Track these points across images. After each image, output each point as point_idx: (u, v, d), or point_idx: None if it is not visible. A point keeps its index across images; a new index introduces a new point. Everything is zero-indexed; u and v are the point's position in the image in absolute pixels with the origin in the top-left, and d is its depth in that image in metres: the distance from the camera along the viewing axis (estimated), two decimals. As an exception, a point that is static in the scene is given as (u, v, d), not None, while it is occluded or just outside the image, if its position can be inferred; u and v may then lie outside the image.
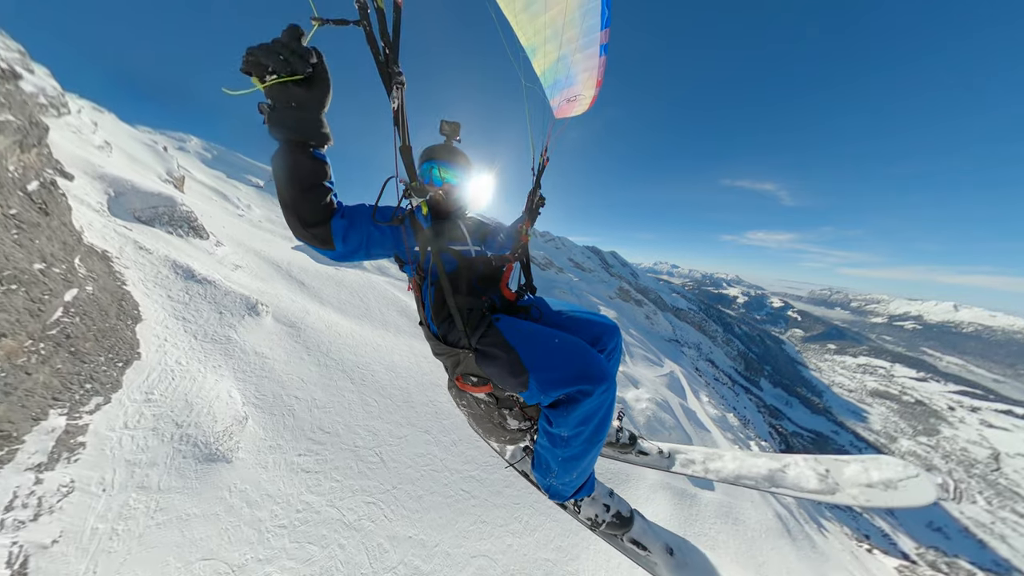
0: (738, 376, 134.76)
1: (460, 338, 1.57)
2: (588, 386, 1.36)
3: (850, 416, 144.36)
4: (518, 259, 1.93)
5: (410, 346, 14.88)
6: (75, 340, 5.50)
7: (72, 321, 5.48)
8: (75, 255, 6.31)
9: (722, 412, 43.59)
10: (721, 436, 30.35)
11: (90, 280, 6.26)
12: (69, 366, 5.36)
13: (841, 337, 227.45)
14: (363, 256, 1.56)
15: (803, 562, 15.19)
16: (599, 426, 1.45)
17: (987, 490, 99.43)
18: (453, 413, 12.04)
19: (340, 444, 8.85)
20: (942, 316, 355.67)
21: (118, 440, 5.74)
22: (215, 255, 13.90)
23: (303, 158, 1.24)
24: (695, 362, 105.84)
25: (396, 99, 1.22)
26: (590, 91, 2.00)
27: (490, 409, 1.76)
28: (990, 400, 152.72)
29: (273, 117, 1.16)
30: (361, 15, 1.12)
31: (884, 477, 1.54)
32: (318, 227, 1.37)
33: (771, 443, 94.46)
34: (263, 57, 1.04)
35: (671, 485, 14.03)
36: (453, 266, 1.65)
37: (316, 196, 1.33)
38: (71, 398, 5.34)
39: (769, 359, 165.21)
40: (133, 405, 6.20)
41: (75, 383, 5.44)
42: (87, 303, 5.89)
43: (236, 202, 28.95)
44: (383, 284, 20.72)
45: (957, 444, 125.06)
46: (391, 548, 7.19)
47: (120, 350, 6.33)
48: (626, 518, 1.79)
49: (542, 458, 1.64)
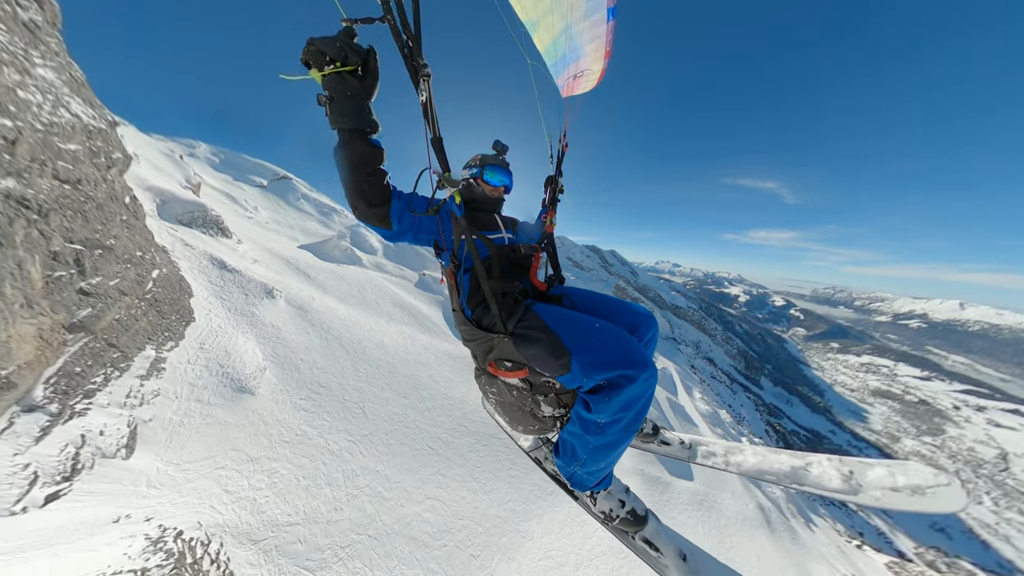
0: (737, 374, 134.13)
1: (495, 323, 1.58)
2: (633, 371, 1.35)
3: (850, 416, 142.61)
4: (545, 249, 1.98)
5: (399, 330, 17.72)
6: (159, 304, 8.44)
7: (157, 291, 8.41)
8: (152, 248, 9.25)
9: (714, 408, 44.41)
10: (709, 431, 30.91)
11: (163, 265, 9.21)
12: (156, 319, 8.29)
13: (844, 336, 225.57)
14: (411, 238, 1.66)
15: (779, 551, 14.97)
16: (638, 414, 1.44)
17: (994, 490, 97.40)
18: (430, 385, 14.59)
19: (332, 396, 11.64)
20: (948, 314, 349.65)
21: (184, 370, 8.68)
22: (238, 251, 16.93)
23: (364, 146, 1.33)
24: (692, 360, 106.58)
25: (424, 91, 1.26)
26: (598, 64, 1.92)
27: (523, 396, 1.74)
28: (997, 399, 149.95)
29: (334, 108, 1.24)
30: (384, 10, 1.17)
31: (911, 483, 1.49)
32: (381, 207, 1.48)
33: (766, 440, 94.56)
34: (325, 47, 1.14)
35: (644, 472, 14.68)
36: (486, 252, 1.68)
37: (378, 179, 1.43)
38: (157, 340, 8.26)
39: (770, 358, 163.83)
40: (192, 349, 9.15)
41: (159, 331, 8.37)
42: (164, 281, 8.83)
43: (244, 204, 30.63)
44: (380, 279, 23.67)
45: (964, 444, 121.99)
46: (361, 474, 9.68)
47: (183, 314, 9.27)
48: (640, 517, 1.76)
49: (569, 445, 1.62)
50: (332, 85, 1.20)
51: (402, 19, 1.18)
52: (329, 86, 1.20)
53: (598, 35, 1.73)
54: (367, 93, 1.25)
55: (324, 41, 1.13)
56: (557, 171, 2.16)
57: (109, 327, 6.81)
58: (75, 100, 7.56)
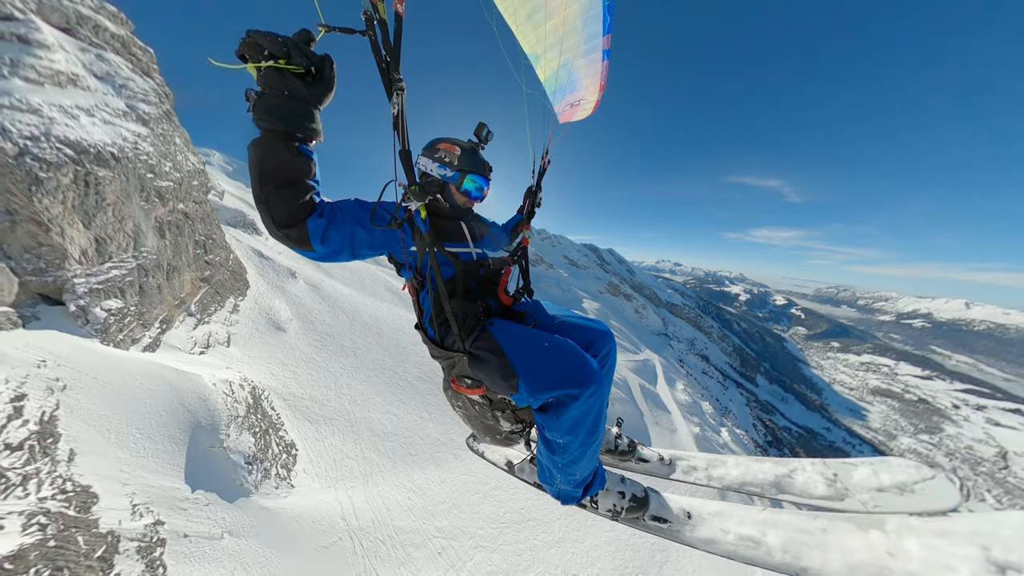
0: (731, 371, 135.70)
1: (455, 342, 1.56)
2: (575, 389, 1.37)
3: (848, 414, 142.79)
4: (516, 262, 1.94)
5: (389, 308, 23.31)
6: (234, 274, 14.14)
7: (232, 267, 14.13)
8: (225, 241, 14.96)
9: (695, 400, 45.02)
10: (681, 418, 32.22)
11: (231, 252, 14.94)
12: (233, 283, 14.03)
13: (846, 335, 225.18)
14: (348, 257, 1.46)
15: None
16: (591, 430, 1.46)
17: (995, 488, 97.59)
18: (408, 347, 20.03)
19: (334, 341, 17.29)
20: (953, 314, 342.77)
21: (249, 310, 14.48)
22: (267, 244, 22.74)
23: (283, 151, 1.17)
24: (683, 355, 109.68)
25: (396, 104, 1.26)
26: (593, 95, 2.08)
27: (484, 410, 1.76)
28: (997, 399, 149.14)
29: (259, 104, 1.12)
30: (367, 26, 1.17)
31: (896, 480, 1.42)
32: (292, 228, 1.26)
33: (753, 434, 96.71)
34: (262, 40, 1.05)
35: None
36: (451, 270, 1.61)
37: (293, 193, 1.23)
38: (235, 293, 14.01)
39: (768, 356, 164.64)
40: (251, 301, 14.93)
41: (235, 289, 14.14)
42: (235, 262, 14.58)
43: None
44: (376, 271, 29.34)
45: (962, 442, 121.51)
46: (347, 388, 15.22)
47: (244, 282, 15.04)
48: (642, 499, 1.79)
49: (544, 467, 1.66)
50: (268, 81, 1.11)
51: (384, 36, 1.20)
52: (264, 82, 1.12)
53: (594, 72, 1.94)
54: (314, 98, 1.18)
55: (265, 36, 1.07)
56: (537, 186, 2.24)
57: (217, 283, 12.53)
58: (190, 154, 13.26)
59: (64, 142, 7.96)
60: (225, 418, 8.72)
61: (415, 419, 15.38)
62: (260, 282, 16.95)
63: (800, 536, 1.45)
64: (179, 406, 8.00)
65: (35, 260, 7.30)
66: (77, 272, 7.90)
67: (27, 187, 7.07)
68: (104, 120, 9.72)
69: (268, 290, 16.84)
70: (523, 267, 2.04)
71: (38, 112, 7.93)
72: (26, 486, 5.22)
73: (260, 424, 9.87)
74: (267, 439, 9.73)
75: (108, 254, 8.63)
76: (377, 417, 14.55)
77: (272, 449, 9.69)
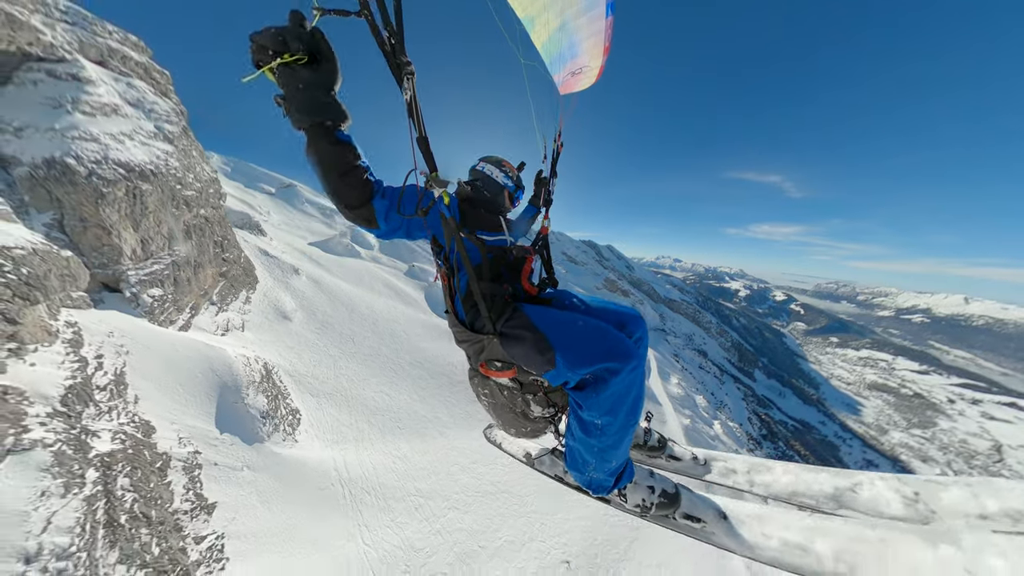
0: (729, 366, 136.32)
1: (485, 324, 1.58)
2: (615, 364, 1.37)
3: (843, 408, 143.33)
4: (538, 252, 1.97)
5: (386, 302, 25.50)
6: (245, 271, 16.36)
7: (244, 263, 16.35)
8: (236, 241, 17.17)
9: (689, 394, 45.29)
10: (672, 411, 32.57)
11: (242, 251, 17.15)
12: (244, 278, 16.25)
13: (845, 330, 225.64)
14: (404, 235, 1.58)
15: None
16: (631, 410, 1.44)
17: None
18: (402, 336, 22.22)
19: (334, 330, 19.48)
20: (952, 309, 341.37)
21: (259, 301, 16.70)
22: (272, 245, 24.99)
23: (328, 144, 1.24)
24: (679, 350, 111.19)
25: (408, 90, 1.22)
26: (597, 60, 1.90)
27: (513, 396, 1.75)
28: (993, 393, 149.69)
29: (290, 106, 1.16)
30: (362, 6, 1.11)
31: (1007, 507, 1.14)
32: (362, 208, 1.40)
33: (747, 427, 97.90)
34: (262, 40, 1.06)
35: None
36: (477, 255, 1.65)
37: (355, 179, 1.34)
38: (246, 287, 16.22)
39: (766, 351, 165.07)
40: (261, 294, 17.17)
41: (246, 283, 16.38)
42: (244, 260, 16.79)
43: (258, 209, 35.79)
44: (375, 268, 31.55)
45: (956, 436, 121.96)
46: (344, 369, 17.36)
47: (254, 277, 17.26)
48: (673, 495, 1.72)
49: (575, 453, 1.63)
50: (283, 79, 1.12)
51: (383, 15, 1.14)
52: (281, 81, 1.13)
53: (596, 31, 1.73)
54: (325, 81, 1.17)
55: (263, 34, 1.07)
56: (552, 172, 2.21)
57: (232, 277, 14.73)
58: (205, 164, 15.43)
59: (117, 163, 10.15)
60: (244, 382, 10.92)
61: (405, 399, 17.38)
62: (267, 278, 19.18)
63: (854, 546, 1.31)
64: (210, 371, 10.19)
65: (100, 256, 9.51)
66: (129, 267, 10.11)
67: (94, 200, 9.26)
68: (141, 142, 11.89)
69: (275, 284, 19.07)
70: (544, 257, 2.07)
71: (97, 140, 10.10)
72: (111, 415, 7.40)
73: (271, 391, 12.07)
74: (277, 403, 11.92)
75: (150, 252, 10.84)
76: (371, 395, 16.66)
77: (281, 411, 11.87)
